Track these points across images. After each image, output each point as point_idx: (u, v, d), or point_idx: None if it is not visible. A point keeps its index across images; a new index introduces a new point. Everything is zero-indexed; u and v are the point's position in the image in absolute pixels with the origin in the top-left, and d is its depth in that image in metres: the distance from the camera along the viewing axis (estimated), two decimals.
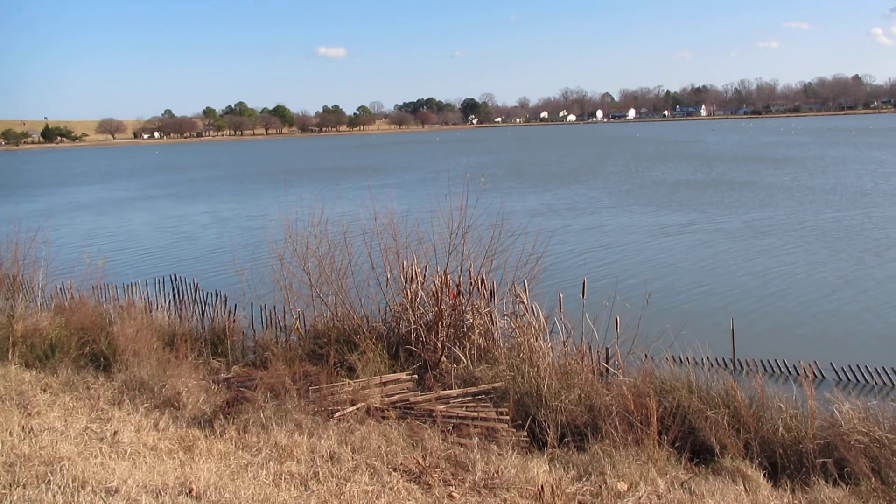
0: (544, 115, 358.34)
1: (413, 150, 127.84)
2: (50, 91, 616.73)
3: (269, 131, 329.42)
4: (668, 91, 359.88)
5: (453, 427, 8.38)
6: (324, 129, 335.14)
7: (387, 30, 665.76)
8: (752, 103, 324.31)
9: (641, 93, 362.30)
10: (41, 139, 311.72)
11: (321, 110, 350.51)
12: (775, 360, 12.47)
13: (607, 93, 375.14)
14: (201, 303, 13.44)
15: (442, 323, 10.83)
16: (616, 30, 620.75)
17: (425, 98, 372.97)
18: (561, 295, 10.63)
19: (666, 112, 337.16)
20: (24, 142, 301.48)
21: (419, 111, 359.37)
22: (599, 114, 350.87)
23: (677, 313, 16.13)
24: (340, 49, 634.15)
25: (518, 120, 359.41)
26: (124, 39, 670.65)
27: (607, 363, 10.07)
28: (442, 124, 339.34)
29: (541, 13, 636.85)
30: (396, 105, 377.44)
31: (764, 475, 7.22)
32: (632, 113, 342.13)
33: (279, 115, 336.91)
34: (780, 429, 7.75)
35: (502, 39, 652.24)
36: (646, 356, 9.81)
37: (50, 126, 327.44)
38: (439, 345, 10.66)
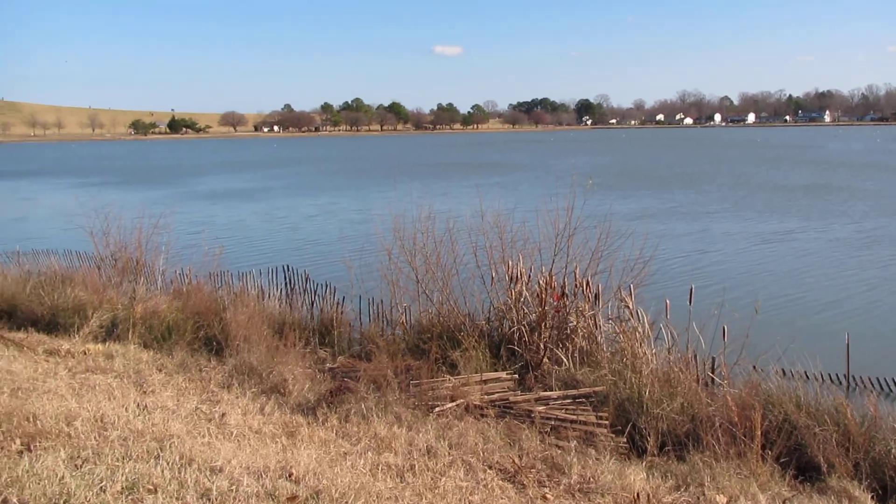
0: (660, 117, 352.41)
1: (525, 150, 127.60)
2: (177, 84, 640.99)
3: (384, 128, 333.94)
4: (789, 95, 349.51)
5: (551, 429, 8.38)
6: (437, 126, 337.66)
7: (503, 29, 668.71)
8: (880, 109, 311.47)
9: (762, 97, 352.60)
10: (167, 130, 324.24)
11: (435, 108, 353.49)
12: (892, 379, 12.00)
13: (726, 96, 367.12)
14: (311, 293, 13.77)
15: (545, 324, 10.81)
16: (736, 31, 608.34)
17: (539, 98, 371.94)
18: (667, 301, 10.48)
19: (787, 117, 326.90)
20: (152, 132, 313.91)
21: (533, 111, 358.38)
22: (717, 117, 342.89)
23: (787, 324, 15.68)
24: (457, 47, 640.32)
25: (633, 122, 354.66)
26: (247, 36, 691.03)
27: (712, 373, 9.89)
28: (555, 125, 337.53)
29: (659, 14, 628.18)
30: (510, 104, 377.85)
31: (872, 497, 6.98)
32: (751, 117, 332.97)
33: (394, 111, 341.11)
34: (893, 450, 7.48)
35: (619, 40, 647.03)
36: (753, 368, 9.56)
37: (176, 118, 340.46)
38: (542, 346, 10.66)
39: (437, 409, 8.69)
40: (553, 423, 8.47)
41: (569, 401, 9.03)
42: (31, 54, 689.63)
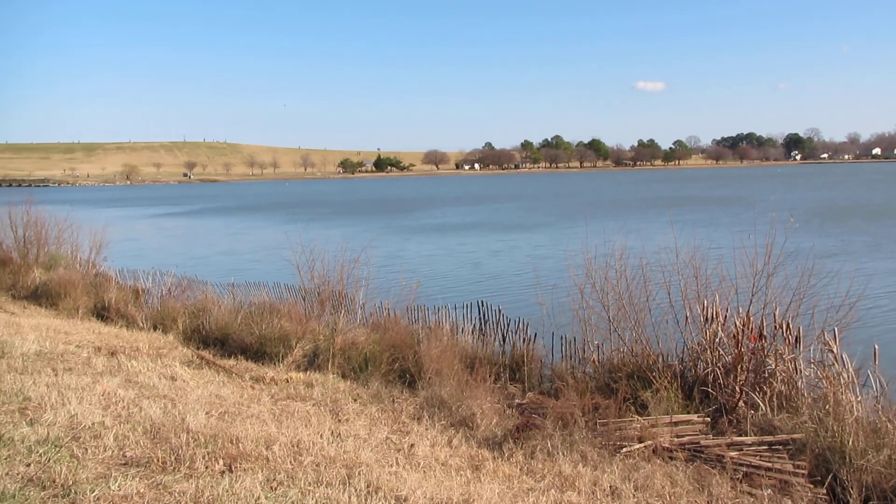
0: (877, 151, 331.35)
1: (727, 186, 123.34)
2: (383, 124, 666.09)
3: (584, 164, 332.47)
4: None
5: (744, 476, 8.04)
6: (638, 163, 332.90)
7: (708, 63, 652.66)
8: None
9: None
10: (373, 168, 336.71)
11: (636, 144, 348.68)
12: None
13: None
14: (503, 328, 13.88)
15: (741, 366, 10.41)
16: None
17: (745, 132, 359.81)
18: (876, 346, 9.84)
19: None
20: (359, 170, 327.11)
21: (738, 146, 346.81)
22: None
23: None
24: (659, 83, 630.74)
25: (847, 156, 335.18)
26: (450, 78, 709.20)
27: None
28: (762, 160, 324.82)
29: (878, 43, 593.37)
30: (714, 139, 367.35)
31: None
32: None
33: (594, 148, 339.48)
34: None
35: (832, 71, 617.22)
36: None
37: (382, 157, 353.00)
38: (737, 389, 10.26)
39: (623, 449, 8.55)
40: (746, 469, 8.13)
41: (764, 447, 8.64)
42: (252, 101, 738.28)
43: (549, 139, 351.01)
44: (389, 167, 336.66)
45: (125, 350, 12.15)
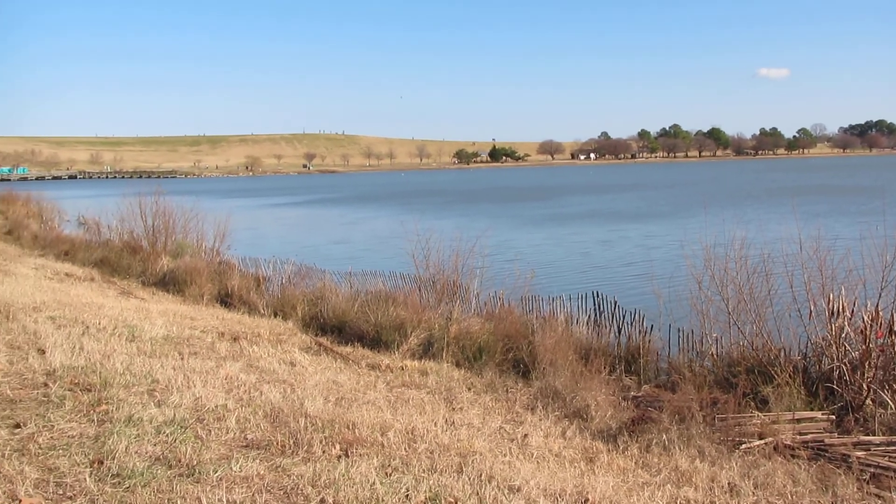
0: None
1: (855, 175, 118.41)
2: (498, 114, 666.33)
3: (703, 154, 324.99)
4: None
5: (871, 477, 7.73)
6: (760, 152, 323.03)
7: (835, 49, 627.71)
8: None
9: None
10: (488, 158, 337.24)
11: (758, 132, 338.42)
12: None
13: None
14: (619, 320, 13.71)
15: (869, 363, 10.01)
16: None
17: (874, 120, 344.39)
18: None
19: None
20: (474, 161, 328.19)
21: (867, 134, 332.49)
22: None
23: None
24: (783, 70, 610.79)
25: None
26: (563, 68, 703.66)
27: None
28: (893, 148, 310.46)
29: None
30: (841, 127, 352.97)
31: None
32: None
33: (713, 137, 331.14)
34: None
35: None
36: None
37: (497, 147, 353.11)
38: (864, 386, 9.86)
39: (743, 445, 8.34)
40: (873, 470, 7.81)
41: (893, 447, 8.28)
42: (369, 93, 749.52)
43: (667, 128, 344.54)
44: (504, 157, 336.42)
45: (247, 336, 12.52)
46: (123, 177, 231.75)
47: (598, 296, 14.47)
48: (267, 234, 49.74)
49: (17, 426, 6.65)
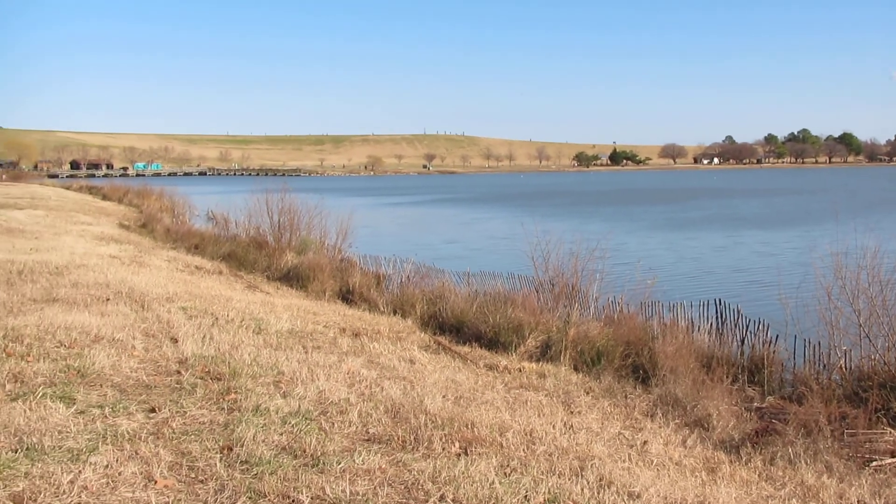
0: None
1: None
2: (619, 117, 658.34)
3: (833, 160, 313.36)
4: None
5: None
6: (894, 158, 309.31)
7: None
8: None
9: None
10: (608, 162, 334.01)
11: (892, 138, 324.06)
12: None
13: None
14: (742, 329, 13.39)
15: None
16: None
17: None
18: None
19: None
20: (594, 164, 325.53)
21: None
22: None
23: None
24: None
25: None
26: (686, 69, 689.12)
27: None
28: None
29: None
30: None
31: None
32: None
33: (845, 142, 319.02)
34: None
35: None
36: None
37: (617, 150, 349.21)
38: None
39: (873, 463, 8.04)
40: None
41: None
42: (489, 94, 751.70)
43: (795, 132, 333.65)
44: (625, 160, 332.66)
45: (367, 332, 12.74)
46: (250, 174, 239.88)
47: (720, 304, 14.17)
48: (383, 232, 50.48)
49: (153, 410, 6.97)
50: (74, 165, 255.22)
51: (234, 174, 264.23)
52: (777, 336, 12.41)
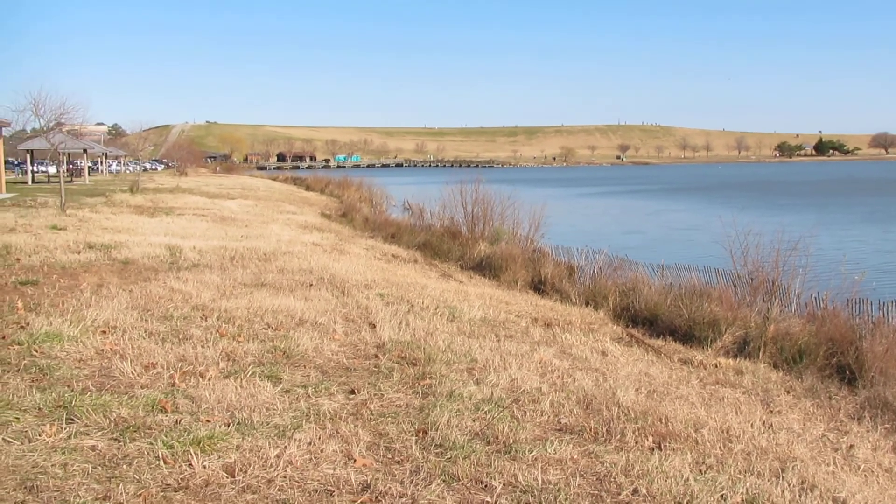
0: None
1: None
2: (825, 106, 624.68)
3: None
4: None
5: None
6: None
7: None
8: None
9: None
10: (813, 152, 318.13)
11: None
12: None
13: None
14: None
15: None
16: None
17: None
18: None
19: None
20: (797, 154, 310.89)
21: None
22: None
23: None
24: None
25: None
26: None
27: None
28: None
29: None
30: None
31: None
32: None
33: None
34: None
35: None
36: None
37: (823, 139, 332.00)
38: None
39: None
40: None
41: None
42: (687, 84, 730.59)
43: None
44: (831, 151, 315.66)
45: (559, 323, 12.74)
46: (444, 165, 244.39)
47: None
48: (573, 223, 50.09)
49: (352, 392, 7.28)
50: (280, 158, 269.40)
51: (429, 165, 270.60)
52: None
